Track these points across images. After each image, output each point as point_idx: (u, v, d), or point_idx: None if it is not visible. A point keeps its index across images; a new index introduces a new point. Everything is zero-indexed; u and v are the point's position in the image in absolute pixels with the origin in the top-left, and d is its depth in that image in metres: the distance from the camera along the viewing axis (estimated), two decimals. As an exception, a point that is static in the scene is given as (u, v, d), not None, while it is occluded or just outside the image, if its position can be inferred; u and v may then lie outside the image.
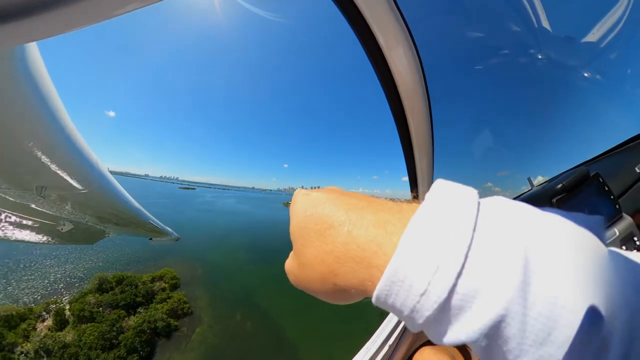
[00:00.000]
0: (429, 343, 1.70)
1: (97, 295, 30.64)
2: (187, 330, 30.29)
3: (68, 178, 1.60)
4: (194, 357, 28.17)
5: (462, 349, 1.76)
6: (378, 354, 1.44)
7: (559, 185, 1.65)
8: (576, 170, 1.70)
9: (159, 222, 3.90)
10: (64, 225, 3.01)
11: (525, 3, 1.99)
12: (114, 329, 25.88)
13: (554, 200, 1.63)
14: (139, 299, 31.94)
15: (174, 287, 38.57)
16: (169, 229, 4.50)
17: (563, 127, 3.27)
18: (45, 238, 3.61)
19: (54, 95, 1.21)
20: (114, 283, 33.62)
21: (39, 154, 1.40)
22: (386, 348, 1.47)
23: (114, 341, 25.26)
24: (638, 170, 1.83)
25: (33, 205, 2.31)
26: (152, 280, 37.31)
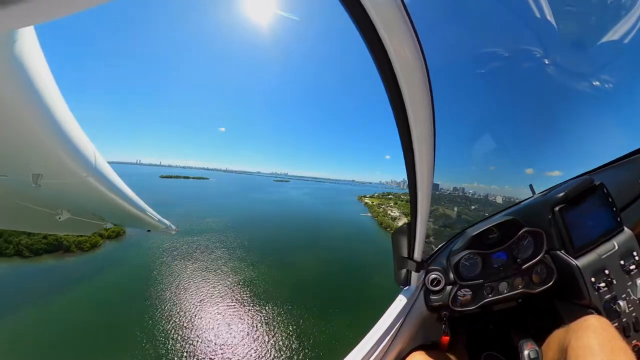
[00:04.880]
0: (420, 348, 1.69)
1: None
2: (71, 256, 44.38)
3: (62, 168, 1.58)
4: (45, 264, 40.63)
5: (458, 355, 1.75)
6: (369, 357, 1.42)
7: (561, 194, 1.59)
8: (580, 180, 1.65)
9: (157, 215, 3.91)
10: (62, 213, 3.00)
11: (534, 7, 1.94)
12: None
13: (556, 209, 1.58)
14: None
15: (109, 237, 50.72)
16: (167, 222, 4.52)
17: (564, 134, 3.20)
18: (43, 226, 3.62)
19: (50, 84, 1.19)
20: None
21: (35, 141, 1.38)
22: (377, 351, 1.45)
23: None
24: None
25: (30, 193, 2.30)
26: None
